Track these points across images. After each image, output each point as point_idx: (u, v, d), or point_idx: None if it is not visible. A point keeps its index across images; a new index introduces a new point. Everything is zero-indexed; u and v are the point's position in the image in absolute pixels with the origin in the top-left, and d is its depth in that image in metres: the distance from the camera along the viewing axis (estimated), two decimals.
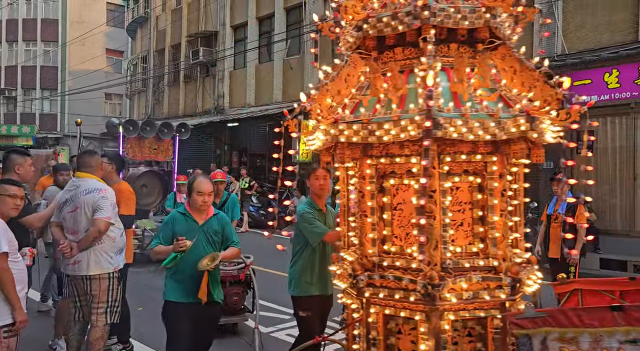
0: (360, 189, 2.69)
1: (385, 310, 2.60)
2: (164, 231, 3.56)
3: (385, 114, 2.50)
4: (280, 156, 2.94)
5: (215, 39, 19.49)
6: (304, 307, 3.66)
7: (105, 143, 28.77)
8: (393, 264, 2.60)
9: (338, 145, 2.58)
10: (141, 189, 9.26)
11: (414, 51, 2.68)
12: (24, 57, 31.18)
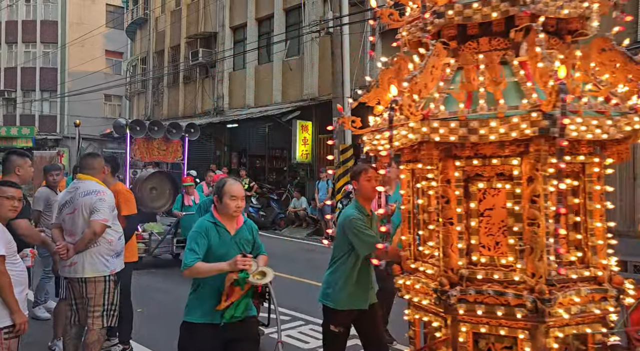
0: (443, 194, 2.39)
1: (481, 328, 2.33)
2: (201, 244, 3.03)
3: (486, 111, 2.22)
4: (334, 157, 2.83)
5: (215, 40, 19.50)
6: (338, 322, 3.36)
7: (104, 144, 28.79)
8: (488, 277, 2.33)
9: (424, 144, 2.31)
10: (150, 192, 8.91)
11: (502, 42, 2.43)
12: (24, 59, 31.19)
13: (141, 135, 8.91)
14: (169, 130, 9.27)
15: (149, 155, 9.23)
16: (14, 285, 3.10)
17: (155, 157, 9.36)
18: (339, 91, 12.46)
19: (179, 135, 9.40)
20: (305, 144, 15.08)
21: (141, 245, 8.04)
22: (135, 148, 9.04)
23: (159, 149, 9.25)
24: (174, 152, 9.46)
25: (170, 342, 4.90)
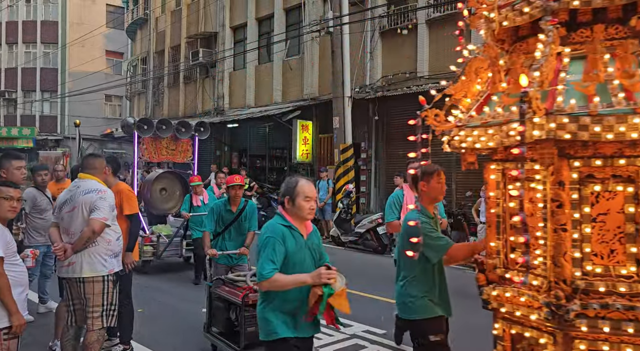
0: (555, 197, 2.18)
1: (603, 346, 2.12)
2: (278, 252, 2.74)
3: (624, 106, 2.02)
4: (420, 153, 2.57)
5: (215, 40, 19.49)
6: (435, 330, 3.15)
7: (105, 144, 28.79)
8: (609, 289, 2.13)
9: (542, 142, 2.09)
10: (160, 193, 8.66)
11: (622, 30, 2.22)
12: (24, 59, 31.20)
13: (149, 134, 8.54)
14: (178, 129, 8.92)
15: (158, 154, 8.82)
16: (14, 286, 3.09)
17: (164, 156, 8.93)
18: (339, 91, 12.44)
19: (188, 134, 9.03)
20: (306, 144, 15.07)
21: (149, 247, 7.82)
22: (143, 148, 8.67)
23: (167, 149, 8.90)
24: (183, 152, 9.08)
25: (170, 342, 4.90)
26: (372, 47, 13.54)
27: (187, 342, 4.95)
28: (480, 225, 8.64)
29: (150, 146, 8.71)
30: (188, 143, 9.09)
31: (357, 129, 13.40)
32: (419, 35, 12.50)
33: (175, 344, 4.89)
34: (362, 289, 7.19)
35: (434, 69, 12.25)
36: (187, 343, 4.94)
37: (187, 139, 9.04)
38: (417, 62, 12.50)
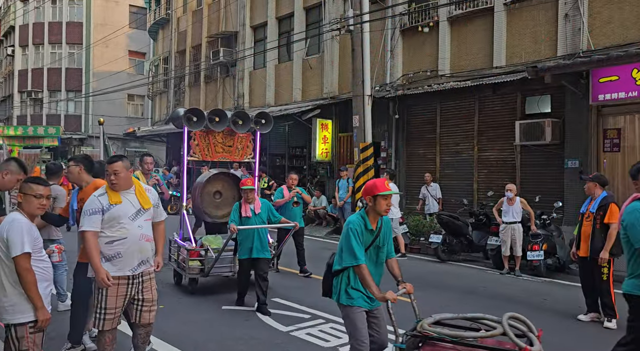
0: None
1: None
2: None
3: None
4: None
5: (235, 39, 19.61)
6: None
7: (127, 143, 29.24)
8: None
9: None
10: (213, 197, 7.45)
11: None
12: (50, 60, 31.89)
13: (199, 127, 7.06)
14: (235, 122, 7.28)
15: (212, 152, 7.30)
16: (39, 281, 3.16)
17: (220, 154, 7.37)
18: (359, 89, 12.38)
19: (247, 127, 7.41)
20: (325, 143, 15.05)
21: (196, 263, 6.58)
22: (194, 144, 7.19)
23: (223, 145, 7.37)
24: (242, 149, 7.50)
25: (191, 338, 4.94)
26: (392, 45, 13.45)
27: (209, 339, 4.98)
28: (502, 225, 8.51)
29: (203, 142, 7.26)
30: (248, 139, 7.55)
31: (377, 128, 13.32)
32: (440, 33, 12.37)
33: (196, 338, 4.93)
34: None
35: (455, 67, 12.10)
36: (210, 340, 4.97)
37: (246, 134, 7.48)
38: (439, 60, 12.37)
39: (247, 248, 5.92)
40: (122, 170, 3.70)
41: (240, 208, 6.08)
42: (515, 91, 10.97)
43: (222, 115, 7.20)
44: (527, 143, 10.44)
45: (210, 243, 6.75)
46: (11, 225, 3.10)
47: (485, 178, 11.73)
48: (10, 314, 3.08)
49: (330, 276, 3.50)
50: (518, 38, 10.95)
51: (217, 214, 7.45)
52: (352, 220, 3.46)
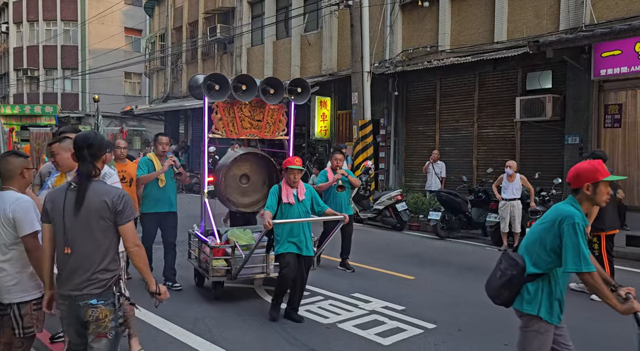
0: None
1: None
2: None
3: None
4: None
5: (233, 15, 19.29)
6: None
7: (125, 122, 29.07)
8: None
9: None
10: (240, 182, 6.17)
11: None
12: (45, 37, 31.44)
13: (222, 98, 5.70)
14: (265, 91, 5.83)
15: (237, 128, 5.92)
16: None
17: (247, 131, 5.98)
18: (358, 66, 12.24)
19: (280, 97, 5.95)
20: (324, 120, 14.96)
21: (220, 262, 5.34)
22: (216, 118, 5.79)
23: (251, 119, 5.98)
24: (274, 124, 6.09)
25: (188, 313, 4.97)
26: (392, 21, 13.23)
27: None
28: (501, 202, 8.51)
29: (227, 116, 5.87)
30: (280, 112, 6.12)
31: (376, 105, 13.21)
32: (440, 7, 12.14)
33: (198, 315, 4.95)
34: (381, 266, 7.18)
35: (455, 42, 11.92)
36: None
37: (278, 105, 6.07)
38: (439, 35, 12.18)
39: (293, 242, 4.85)
40: (59, 152, 3.51)
41: (280, 191, 4.93)
42: (516, 66, 10.84)
43: (250, 83, 5.77)
44: (528, 119, 10.36)
45: (238, 239, 5.52)
46: (18, 204, 3.05)
47: (485, 155, 11.69)
48: (13, 293, 3.08)
49: (520, 281, 2.76)
50: (520, 12, 10.76)
51: (243, 202, 6.15)
52: (573, 213, 2.67)
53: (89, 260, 2.65)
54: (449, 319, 4.96)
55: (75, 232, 2.65)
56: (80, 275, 2.65)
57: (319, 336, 4.50)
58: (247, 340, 4.43)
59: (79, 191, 2.66)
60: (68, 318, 2.73)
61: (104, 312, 2.65)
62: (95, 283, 2.65)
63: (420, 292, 5.91)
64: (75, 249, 2.65)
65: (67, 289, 2.68)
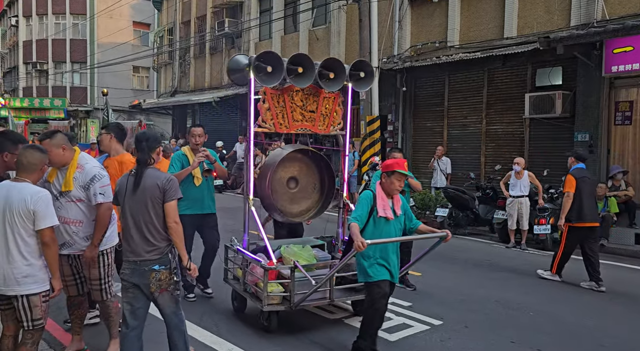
0: None
1: None
2: None
3: None
4: None
5: (241, 9, 19.26)
6: None
7: (133, 116, 29.17)
8: None
9: None
10: (287, 186, 5.04)
11: None
12: (54, 30, 31.57)
13: (274, 83, 4.63)
14: (322, 75, 4.77)
15: (288, 121, 4.87)
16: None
17: (299, 124, 4.92)
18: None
19: (341, 83, 4.87)
20: None
21: (277, 287, 4.37)
22: (264, 108, 4.79)
23: (303, 110, 4.93)
24: (329, 116, 5.05)
25: (194, 309, 5.00)
26: (400, 16, 13.15)
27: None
28: (509, 198, 8.46)
29: (277, 104, 4.82)
30: (336, 102, 5.06)
31: (384, 101, 13.16)
32: (450, 3, 12.05)
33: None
34: None
35: (465, 38, 11.83)
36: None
37: (334, 94, 5.02)
38: (448, 31, 12.09)
39: (385, 265, 3.86)
40: (50, 148, 3.54)
41: (374, 200, 3.84)
42: (526, 63, 10.74)
43: (308, 65, 4.65)
44: (537, 116, 10.28)
45: (297, 257, 4.49)
46: (39, 197, 3.09)
47: (493, 152, 11.62)
48: (22, 285, 3.08)
49: None
50: (530, 8, 10.65)
51: (291, 211, 5.06)
52: None
53: (148, 231, 3.21)
54: (455, 315, 4.95)
55: (136, 209, 3.23)
56: (142, 243, 3.21)
57: (325, 332, 4.51)
58: (252, 334, 4.45)
59: (137, 176, 3.25)
60: (131, 281, 3.25)
61: (164, 274, 3.22)
62: (154, 251, 3.22)
63: (426, 288, 5.90)
64: (137, 223, 3.22)
65: (132, 257, 3.24)
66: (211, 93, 19.35)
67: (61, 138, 3.64)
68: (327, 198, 5.19)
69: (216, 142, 15.97)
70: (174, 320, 3.31)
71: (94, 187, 3.58)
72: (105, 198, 3.59)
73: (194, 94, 21.29)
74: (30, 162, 3.16)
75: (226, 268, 5.05)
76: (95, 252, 3.62)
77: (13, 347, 3.25)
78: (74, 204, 3.62)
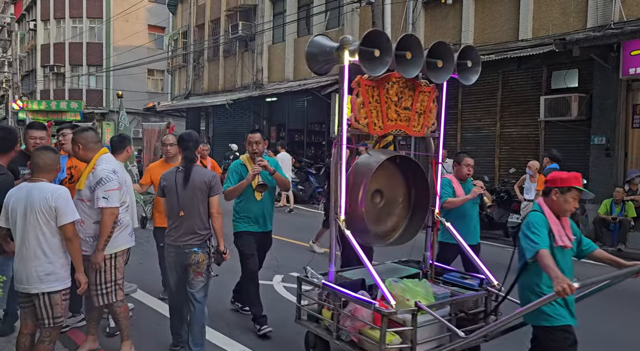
0: None
1: None
2: None
3: None
4: None
5: (254, 12, 19.36)
6: None
7: (147, 118, 29.45)
8: None
9: None
10: (372, 201, 3.98)
11: None
12: (71, 34, 32.06)
13: (382, 70, 3.57)
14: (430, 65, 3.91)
15: (382, 119, 3.89)
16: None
17: (394, 124, 3.94)
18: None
19: (449, 73, 3.98)
20: None
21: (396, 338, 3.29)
22: (357, 102, 3.71)
23: (398, 107, 3.93)
24: (424, 114, 4.07)
25: (215, 312, 5.00)
26: (414, 18, 13.10)
27: None
28: (524, 202, 8.36)
29: (370, 100, 3.78)
30: (431, 97, 4.09)
31: None
32: (464, 5, 11.98)
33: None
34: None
35: (479, 40, 11.75)
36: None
37: (429, 87, 4.09)
38: (462, 33, 12.02)
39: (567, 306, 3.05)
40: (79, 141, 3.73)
41: (550, 227, 3.00)
42: (541, 65, 10.62)
43: (417, 50, 3.81)
44: (552, 118, 10.15)
45: (415, 295, 3.41)
46: (59, 194, 3.18)
47: (508, 155, 11.50)
48: (45, 282, 3.15)
49: None
50: (545, 9, 10.54)
51: (377, 231, 3.98)
52: None
53: (194, 220, 3.73)
54: None
55: (186, 201, 3.72)
56: (187, 231, 3.72)
57: None
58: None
59: (186, 172, 3.74)
60: (174, 263, 3.79)
61: (202, 257, 3.73)
62: (197, 237, 3.74)
63: None
64: (186, 213, 3.71)
65: (177, 241, 3.75)
66: (224, 96, 19.46)
67: (81, 136, 3.72)
68: (415, 214, 4.13)
69: (231, 145, 16.05)
70: (199, 306, 3.75)
71: (98, 190, 3.55)
72: (108, 203, 3.52)
73: (208, 97, 21.42)
74: (46, 163, 3.24)
75: (300, 307, 3.95)
76: (100, 257, 3.57)
77: (30, 345, 3.29)
78: (82, 203, 3.65)
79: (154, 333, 4.42)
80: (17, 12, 38.62)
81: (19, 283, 3.19)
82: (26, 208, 3.13)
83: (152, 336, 4.34)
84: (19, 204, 3.14)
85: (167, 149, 5.07)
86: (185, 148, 3.81)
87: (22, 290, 3.19)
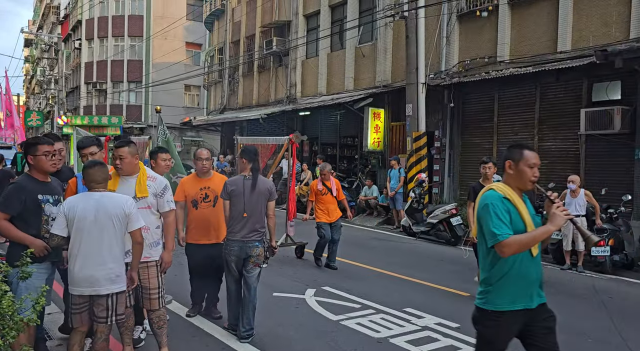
0: None
1: None
2: None
3: None
4: None
5: (288, 28, 19.66)
6: None
7: (184, 132, 30.19)
8: None
9: None
10: None
11: None
12: (113, 52, 33.38)
13: None
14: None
15: None
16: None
17: None
18: (412, 77, 12.10)
19: None
20: (377, 132, 14.86)
21: None
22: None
23: None
24: None
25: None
26: (448, 31, 13.01)
27: None
28: None
29: None
30: None
31: (431, 117, 12.99)
32: (500, 17, 11.82)
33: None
34: (434, 281, 6.98)
35: (515, 52, 11.55)
36: None
37: None
38: (497, 45, 11.84)
39: None
40: (126, 156, 3.78)
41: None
42: (581, 77, 10.33)
43: None
44: (593, 132, 9.83)
45: None
46: (131, 202, 3.47)
47: (547, 169, 11.17)
48: (115, 283, 3.38)
49: None
50: (585, 20, 10.28)
51: None
52: None
53: (256, 220, 4.49)
54: None
55: (252, 204, 4.46)
56: (251, 229, 4.45)
57: (369, 350, 4.40)
58: (279, 336, 4.41)
59: (254, 180, 4.51)
60: (237, 256, 4.44)
61: (260, 250, 4.47)
62: (257, 234, 4.50)
63: None
64: (249, 215, 4.44)
65: (241, 237, 4.43)
66: (258, 110, 19.74)
67: (135, 148, 3.94)
68: None
69: None
70: (253, 291, 4.44)
71: (167, 196, 3.93)
72: (174, 206, 4.05)
73: (242, 111, 21.79)
74: (104, 178, 3.50)
75: None
76: (171, 256, 3.99)
77: (83, 342, 3.52)
78: (145, 210, 3.81)
79: (187, 344, 4.46)
80: (63, 32, 40.48)
81: (79, 286, 3.33)
82: (96, 215, 3.33)
83: (186, 347, 4.38)
84: (88, 212, 3.33)
85: (202, 164, 4.88)
86: (251, 160, 4.53)
87: (90, 293, 3.33)
